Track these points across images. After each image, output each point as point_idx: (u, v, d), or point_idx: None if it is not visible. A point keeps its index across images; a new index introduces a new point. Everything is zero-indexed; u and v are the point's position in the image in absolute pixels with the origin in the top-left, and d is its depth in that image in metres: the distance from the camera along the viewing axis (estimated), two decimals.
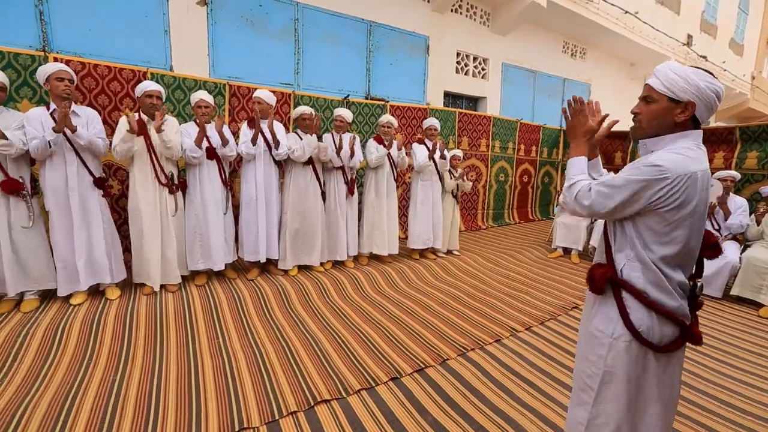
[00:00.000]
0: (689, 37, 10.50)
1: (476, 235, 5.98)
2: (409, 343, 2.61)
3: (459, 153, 4.63)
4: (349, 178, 3.84)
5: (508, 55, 7.31)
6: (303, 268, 3.75)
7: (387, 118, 4.07)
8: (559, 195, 2.48)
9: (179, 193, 3.20)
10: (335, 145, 3.68)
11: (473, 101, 7.29)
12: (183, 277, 3.24)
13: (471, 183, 4.62)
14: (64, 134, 2.67)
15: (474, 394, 2.10)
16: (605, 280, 1.23)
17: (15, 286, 2.64)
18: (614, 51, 9.26)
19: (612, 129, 1.40)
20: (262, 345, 2.51)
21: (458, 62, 6.70)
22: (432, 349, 2.52)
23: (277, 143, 3.41)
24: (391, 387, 2.14)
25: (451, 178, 4.52)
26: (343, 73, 5.21)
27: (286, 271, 3.64)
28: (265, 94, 3.45)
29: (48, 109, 2.71)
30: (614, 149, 6.27)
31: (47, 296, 2.84)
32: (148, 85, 2.96)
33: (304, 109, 3.56)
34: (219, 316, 2.83)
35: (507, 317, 3.06)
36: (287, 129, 4.49)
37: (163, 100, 3.15)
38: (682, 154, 1.11)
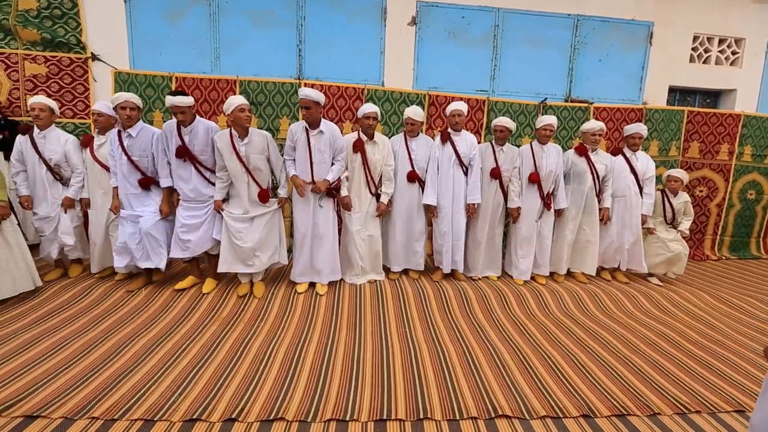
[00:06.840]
0: None
1: (702, 266, 4.72)
2: (604, 380, 2.28)
3: (679, 174, 3.77)
4: (545, 193, 3.62)
5: None
6: (485, 276, 3.77)
7: (597, 124, 3.63)
8: None
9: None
10: (534, 159, 3.55)
11: (712, 96, 5.72)
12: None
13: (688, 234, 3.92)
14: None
15: None
16: None
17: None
18: None
19: None
20: (443, 343, 2.64)
21: (695, 48, 5.36)
22: (637, 396, 2.13)
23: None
24: (582, 424, 1.92)
25: (664, 201, 3.74)
26: (541, 75, 4.89)
27: (469, 277, 3.74)
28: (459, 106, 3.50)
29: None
30: None
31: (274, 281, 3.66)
32: (368, 108, 3.29)
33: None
34: (406, 308, 3.12)
35: (758, 384, 2.30)
36: (480, 136, 4.55)
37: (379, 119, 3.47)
38: None
